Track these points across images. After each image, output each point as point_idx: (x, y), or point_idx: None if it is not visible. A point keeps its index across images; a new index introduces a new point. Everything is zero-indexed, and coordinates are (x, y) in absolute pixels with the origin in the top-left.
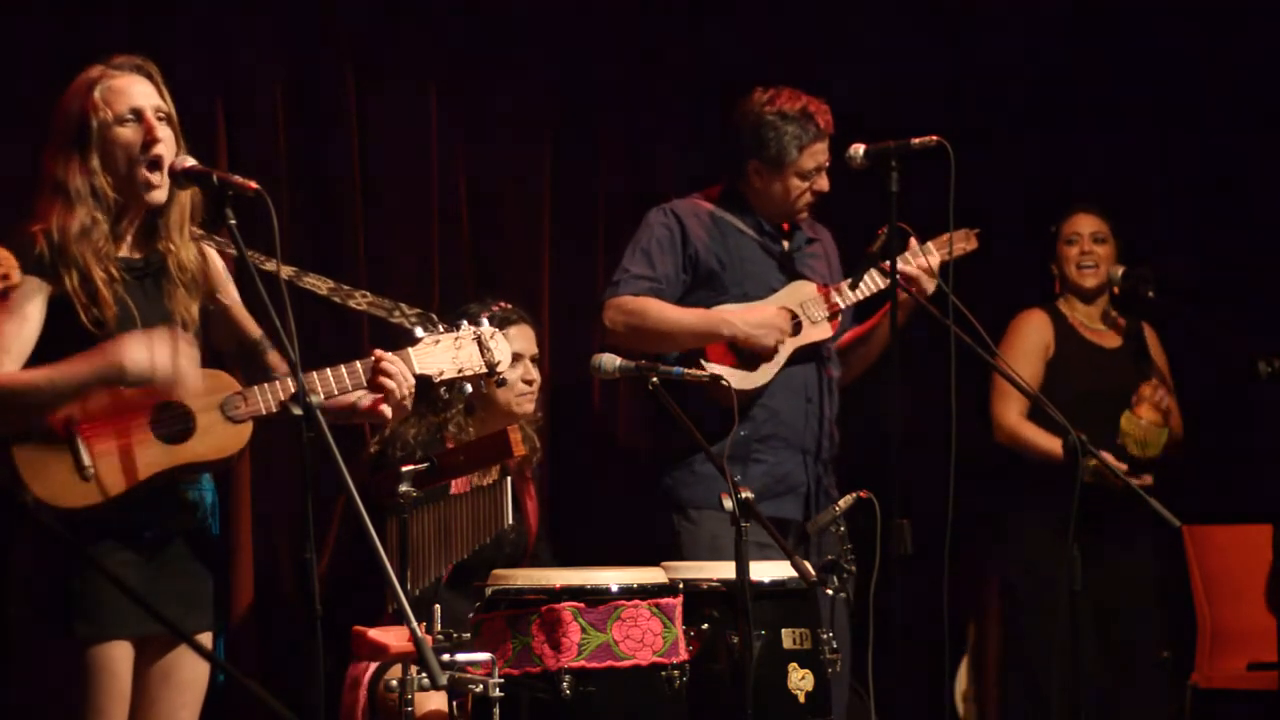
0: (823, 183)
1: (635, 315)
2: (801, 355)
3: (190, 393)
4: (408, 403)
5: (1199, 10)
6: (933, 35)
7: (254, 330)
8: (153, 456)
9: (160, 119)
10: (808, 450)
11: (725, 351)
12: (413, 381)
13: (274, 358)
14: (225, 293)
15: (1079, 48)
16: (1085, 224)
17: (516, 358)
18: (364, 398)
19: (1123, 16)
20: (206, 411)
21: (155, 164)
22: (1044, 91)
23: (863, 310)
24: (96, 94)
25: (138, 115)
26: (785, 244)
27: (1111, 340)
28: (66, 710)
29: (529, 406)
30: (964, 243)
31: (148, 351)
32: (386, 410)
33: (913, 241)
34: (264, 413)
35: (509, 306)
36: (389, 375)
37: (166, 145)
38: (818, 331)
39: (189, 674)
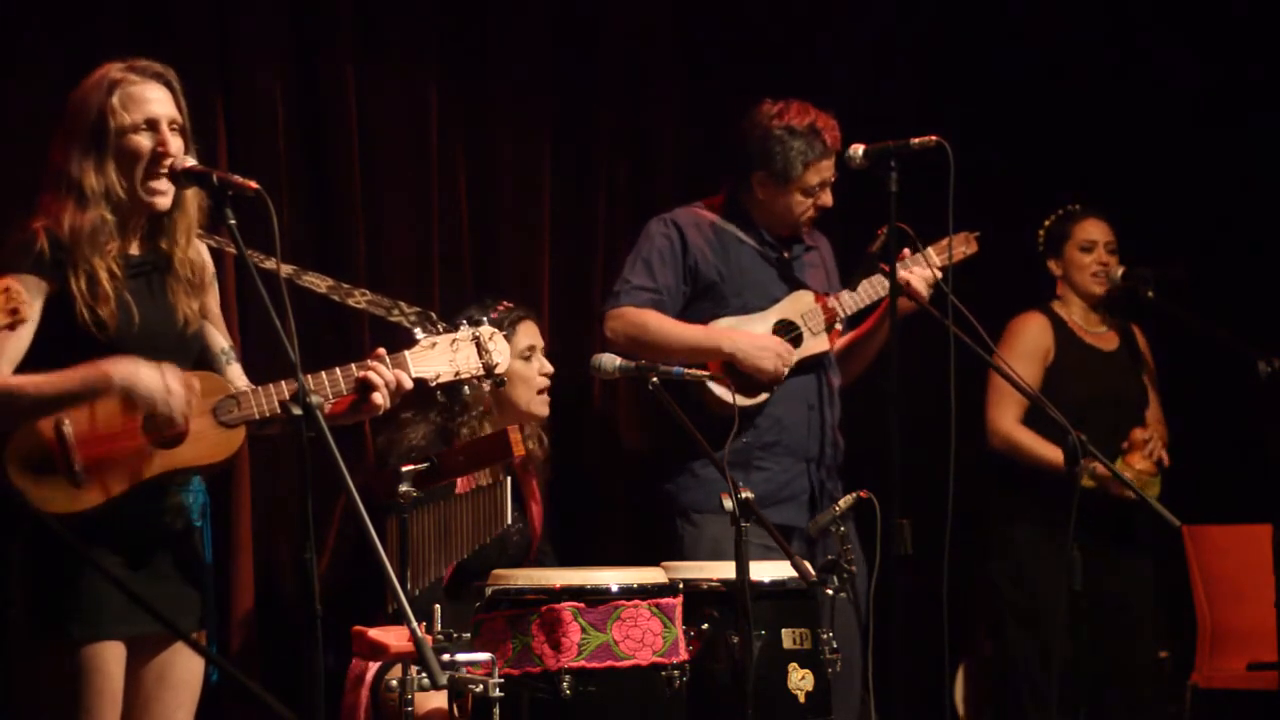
0: (826, 198)
1: (636, 328)
2: (803, 364)
3: (176, 422)
4: (387, 407)
5: (1199, 10)
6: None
7: (221, 341)
8: (144, 462)
9: (173, 130)
10: (810, 457)
11: (723, 371)
12: (408, 387)
13: (234, 370)
14: (212, 296)
15: (1077, 47)
16: (1099, 231)
17: (529, 351)
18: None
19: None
20: (199, 416)
21: (163, 175)
22: (1042, 89)
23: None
24: (115, 99)
25: (153, 125)
26: (785, 254)
27: (1108, 343)
28: (59, 710)
29: (545, 410)
30: (964, 246)
31: (139, 371)
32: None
33: (905, 251)
34: (257, 417)
35: (510, 306)
36: (374, 387)
37: (176, 159)
38: (818, 344)
39: (184, 674)
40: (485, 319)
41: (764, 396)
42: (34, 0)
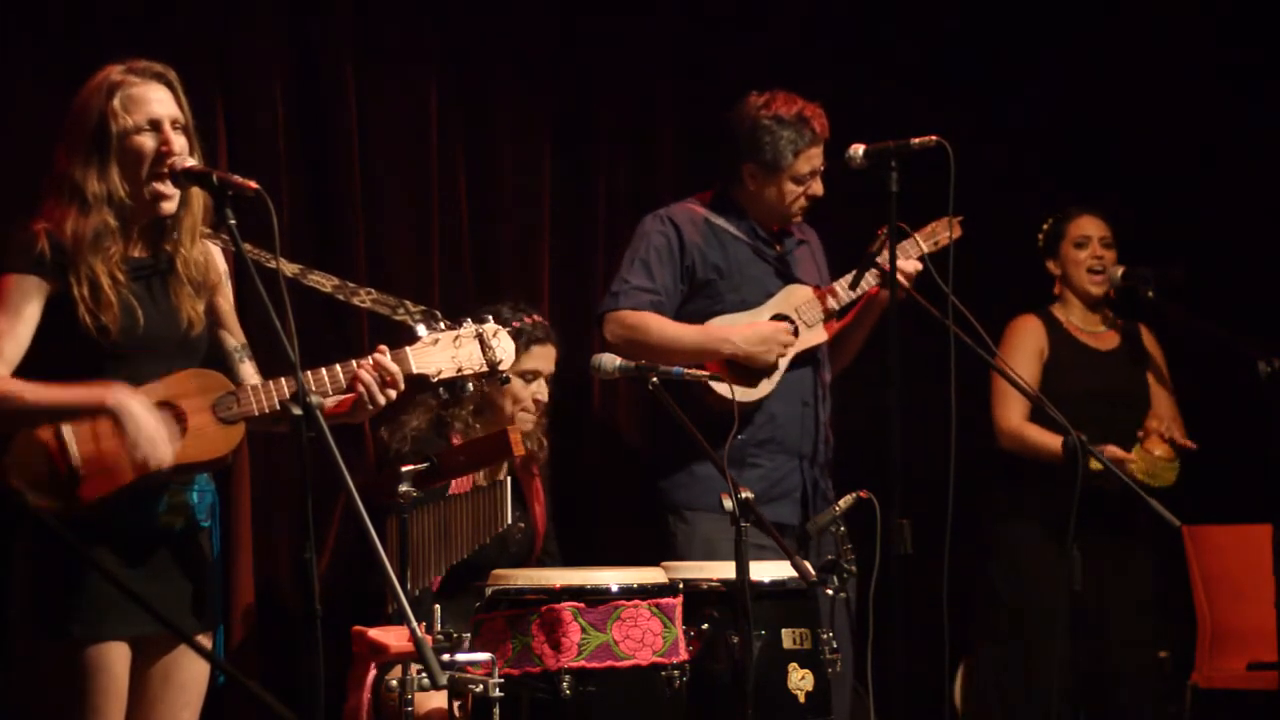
0: (817, 187)
1: (636, 331)
2: (798, 360)
3: (151, 464)
4: (383, 403)
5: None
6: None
7: (235, 338)
8: None
9: (176, 129)
10: (804, 455)
11: (722, 370)
12: (399, 384)
13: (247, 369)
14: (223, 296)
15: (1076, 46)
16: (1094, 227)
17: (534, 375)
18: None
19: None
20: (198, 412)
21: (167, 175)
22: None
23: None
24: (116, 101)
25: (155, 125)
26: (778, 247)
27: (1108, 342)
28: (63, 710)
29: (528, 426)
30: (949, 232)
31: (135, 406)
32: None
33: (882, 229)
34: (256, 414)
35: (541, 322)
36: (366, 385)
37: (180, 158)
38: (814, 336)
39: (189, 674)
40: (490, 317)
41: (765, 389)
42: (35, 1)
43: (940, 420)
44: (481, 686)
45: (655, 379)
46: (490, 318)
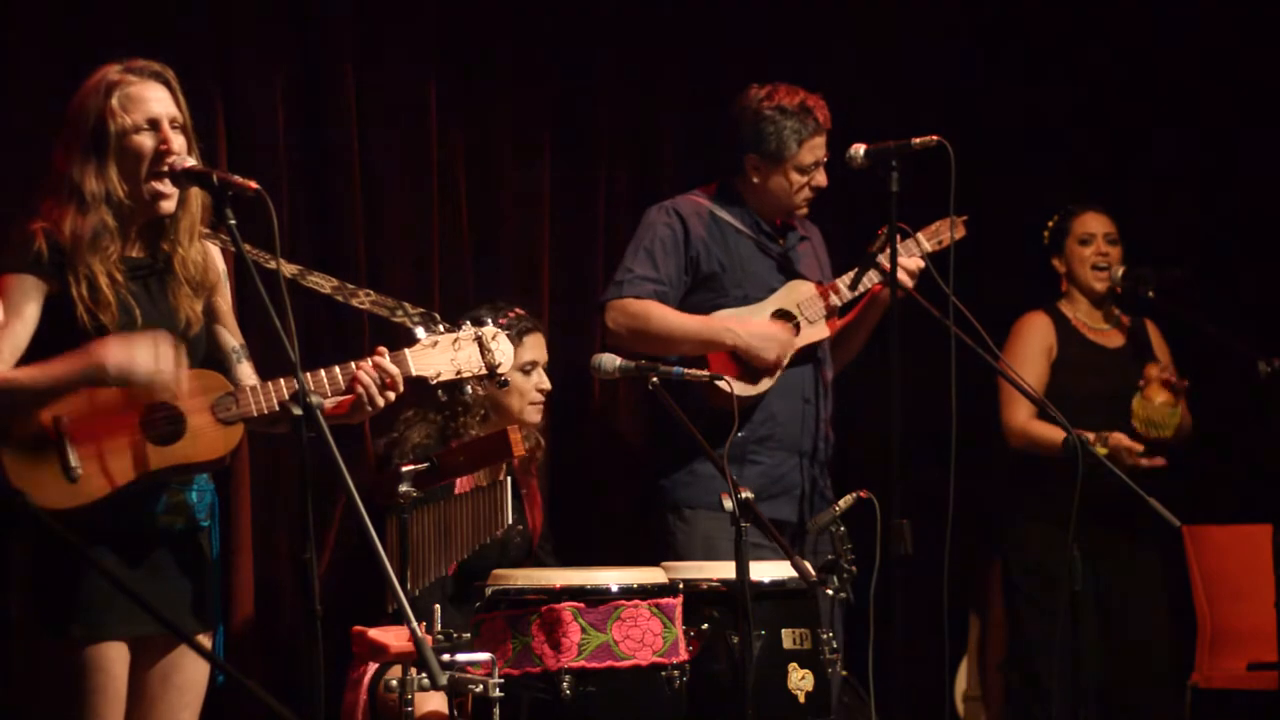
0: (821, 178)
1: (639, 319)
2: (799, 357)
3: (174, 395)
4: (381, 405)
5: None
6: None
7: (233, 339)
8: (142, 458)
9: (175, 129)
10: (804, 452)
11: (727, 361)
12: (398, 386)
13: (245, 369)
14: (221, 296)
15: (1078, 45)
16: (1098, 223)
17: (531, 366)
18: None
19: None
20: (198, 413)
21: (166, 174)
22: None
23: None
24: (115, 100)
25: (154, 124)
26: (781, 242)
27: (1114, 339)
28: (62, 711)
29: (537, 418)
30: (952, 231)
31: (132, 353)
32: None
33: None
34: (255, 415)
35: (523, 314)
36: (364, 385)
37: (180, 157)
38: (815, 332)
39: (189, 675)
40: (489, 320)
41: (766, 384)
42: (34, 1)
43: (942, 420)
44: (481, 686)
45: (655, 379)
46: (489, 320)
